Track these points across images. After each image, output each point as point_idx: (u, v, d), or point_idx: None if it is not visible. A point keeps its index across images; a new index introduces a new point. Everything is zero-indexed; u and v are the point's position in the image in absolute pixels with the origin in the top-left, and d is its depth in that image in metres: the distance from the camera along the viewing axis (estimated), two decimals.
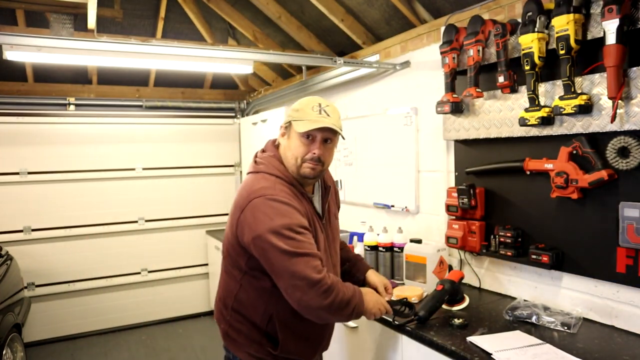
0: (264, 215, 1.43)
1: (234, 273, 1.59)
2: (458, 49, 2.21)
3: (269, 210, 1.43)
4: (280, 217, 1.42)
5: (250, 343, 1.58)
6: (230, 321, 1.61)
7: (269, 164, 1.58)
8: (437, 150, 2.56)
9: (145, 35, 4.14)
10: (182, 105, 4.69)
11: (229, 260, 1.61)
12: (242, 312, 1.58)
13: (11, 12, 3.56)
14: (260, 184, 1.51)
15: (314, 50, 3.64)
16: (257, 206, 1.45)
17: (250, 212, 1.45)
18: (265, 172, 1.56)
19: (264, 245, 1.41)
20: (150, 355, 3.92)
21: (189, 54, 2.43)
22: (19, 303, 3.33)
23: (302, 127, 1.53)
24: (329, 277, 1.44)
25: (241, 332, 1.59)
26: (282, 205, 1.45)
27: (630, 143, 1.63)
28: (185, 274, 4.76)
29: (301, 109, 1.56)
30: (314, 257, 1.43)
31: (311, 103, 1.57)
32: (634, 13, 1.57)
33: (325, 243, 1.64)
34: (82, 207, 4.29)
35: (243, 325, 1.59)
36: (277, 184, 1.52)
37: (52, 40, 2.19)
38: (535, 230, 2.01)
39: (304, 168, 1.56)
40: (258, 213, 1.44)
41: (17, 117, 4.04)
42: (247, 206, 1.46)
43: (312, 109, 1.55)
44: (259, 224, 1.42)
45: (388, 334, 1.94)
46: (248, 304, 1.57)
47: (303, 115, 1.54)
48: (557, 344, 1.60)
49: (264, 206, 1.44)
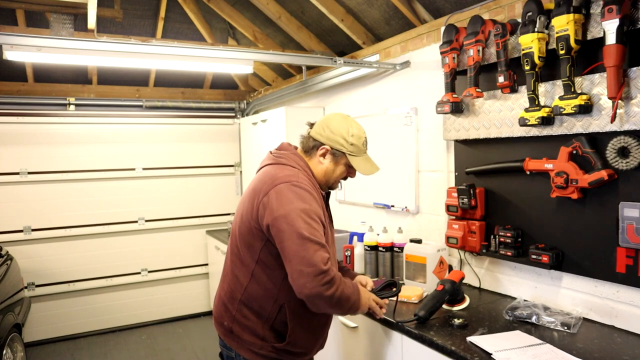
0: (287, 199, 1.51)
1: (245, 263, 1.62)
2: (458, 49, 2.21)
3: (292, 195, 1.52)
4: (302, 201, 1.51)
5: (254, 339, 1.60)
6: (236, 316, 1.63)
7: (290, 159, 1.68)
8: (437, 150, 2.56)
9: (145, 35, 4.14)
10: (182, 105, 4.69)
11: (241, 251, 1.64)
12: (250, 305, 1.61)
13: (11, 12, 3.56)
14: (284, 172, 1.60)
15: (314, 50, 3.64)
16: (281, 190, 1.53)
17: (275, 195, 1.52)
18: (287, 165, 1.65)
19: (283, 226, 1.48)
20: (150, 355, 3.92)
21: (189, 54, 2.43)
22: (19, 303, 3.33)
23: (364, 169, 1.72)
24: (333, 270, 1.50)
25: (246, 328, 1.61)
26: (305, 192, 1.54)
27: (630, 143, 1.63)
28: (186, 274, 4.76)
29: (356, 144, 1.69)
30: (324, 248, 1.49)
31: (361, 138, 1.71)
32: (633, 13, 1.57)
33: (332, 239, 1.73)
34: (82, 207, 4.29)
35: (249, 320, 1.61)
36: (299, 173, 1.61)
37: (52, 40, 2.19)
38: (535, 230, 2.01)
39: (335, 184, 1.77)
40: (282, 197, 1.51)
41: (17, 117, 4.04)
42: (271, 190, 1.54)
43: (363, 144, 1.72)
44: (282, 206, 1.50)
45: (388, 334, 1.95)
46: (258, 296, 1.60)
47: (357, 151, 1.70)
48: (557, 344, 1.60)
49: (287, 190, 1.53)
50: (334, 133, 1.68)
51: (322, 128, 1.70)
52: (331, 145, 1.68)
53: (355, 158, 1.70)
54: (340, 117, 1.73)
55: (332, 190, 1.83)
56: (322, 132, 1.70)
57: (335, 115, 1.75)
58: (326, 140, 1.69)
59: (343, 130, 1.68)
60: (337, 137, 1.68)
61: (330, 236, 1.74)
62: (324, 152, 1.69)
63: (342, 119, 1.72)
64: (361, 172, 1.72)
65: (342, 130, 1.68)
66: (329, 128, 1.69)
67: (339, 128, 1.68)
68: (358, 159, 1.71)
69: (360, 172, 1.73)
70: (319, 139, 1.70)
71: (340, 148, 1.68)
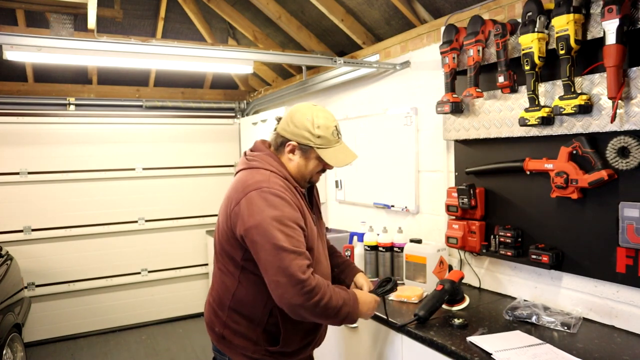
0: (257, 208, 1.45)
1: (230, 270, 1.58)
2: (458, 49, 2.21)
3: (262, 203, 1.45)
4: (273, 209, 1.45)
5: (247, 344, 1.57)
6: (227, 322, 1.60)
7: (262, 161, 1.59)
8: (437, 150, 2.56)
9: (145, 35, 4.14)
10: (182, 105, 4.69)
11: (224, 258, 1.61)
12: (240, 310, 1.58)
13: (11, 12, 3.57)
14: (255, 178, 1.53)
15: (314, 50, 3.64)
16: (252, 198, 1.47)
17: (246, 204, 1.47)
18: (260, 168, 1.57)
19: (255, 237, 1.43)
20: (150, 355, 3.92)
21: (189, 54, 2.43)
22: (19, 303, 3.33)
23: (335, 160, 1.59)
24: (315, 278, 1.44)
25: (237, 333, 1.58)
26: (276, 198, 1.47)
27: (630, 143, 1.63)
28: (186, 274, 4.76)
29: (322, 136, 1.58)
30: (302, 256, 1.43)
31: (329, 127, 1.59)
32: (633, 13, 1.57)
33: (318, 235, 1.67)
34: (82, 207, 4.29)
35: (240, 325, 1.58)
36: (271, 177, 1.53)
37: (52, 40, 2.19)
38: (535, 230, 2.01)
39: (313, 179, 1.67)
40: (252, 205, 1.46)
41: (18, 117, 4.04)
42: (242, 199, 1.48)
43: (332, 134, 1.60)
44: (252, 216, 1.44)
45: (388, 334, 1.95)
46: (247, 301, 1.56)
47: (326, 143, 1.59)
48: (557, 344, 1.60)
49: (258, 198, 1.46)
50: (298, 127, 1.57)
51: (286, 123, 1.61)
52: (297, 141, 1.58)
53: (325, 150, 1.58)
54: (304, 108, 1.61)
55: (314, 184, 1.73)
56: (286, 128, 1.60)
57: (299, 106, 1.64)
58: (291, 136, 1.59)
59: (307, 123, 1.57)
60: (302, 132, 1.57)
61: (318, 232, 1.69)
62: (291, 149, 1.60)
63: (306, 109, 1.61)
64: (333, 164, 1.60)
65: (306, 123, 1.57)
66: (293, 122, 1.59)
67: (303, 121, 1.57)
68: (328, 151, 1.59)
69: (333, 165, 1.60)
70: (285, 135, 1.60)
71: (307, 142, 1.57)
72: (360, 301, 1.60)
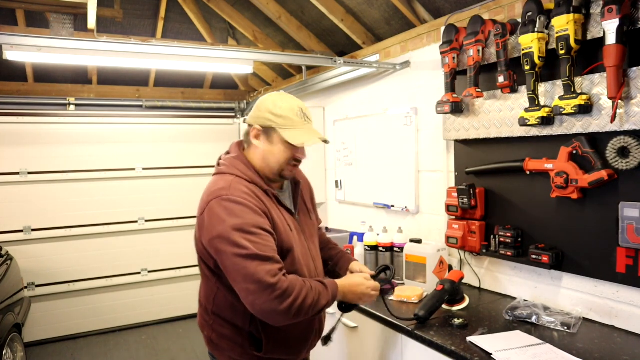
0: (217, 217, 1.42)
1: (208, 276, 1.57)
2: (458, 49, 2.21)
3: (222, 212, 1.42)
4: (234, 217, 1.41)
5: (234, 347, 1.55)
6: (214, 326, 1.58)
7: (230, 165, 1.56)
8: (437, 150, 2.56)
9: (145, 35, 4.15)
10: (182, 105, 4.69)
11: (201, 264, 1.59)
12: (223, 315, 1.56)
13: (11, 12, 3.57)
14: (218, 185, 1.49)
15: (314, 50, 3.64)
16: (212, 208, 1.44)
17: (207, 215, 1.45)
18: (225, 173, 1.54)
19: (218, 247, 1.41)
20: (150, 355, 3.92)
21: (189, 54, 2.43)
22: (19, 303, 3.33)
23: (299, 139, 1.52)
24: (286, 280, 1.39)
25: (224, 336, 1.57)
26: (236, 206, 1.43)
27: (630, 143, 1.63)
28: (186, 273, 4.75)
29: (284, 115, 1.53)
30: (270, 260, 1.39)
31: (293, 108, 1.55)
32: (634, 13, 1.57)
33: (302, 237, 1.63)
34: (82, 207, 4.29)
35: (225, 329, 1.56)
36: (233, 183, 1.49)
37: (52, 40, 2.19)
38: (535, 230, 2.01)
39: (286, 171, 1.58)
40: (212, 215, 1.43)
41: (17, 117, 4.04)
42: (205, 209, 1.46)
43: (297, 115, 1.54)
44: (213, 226, 1.42)
45: (388, 334, 1.95)
46: (227, 306, 1.54)
47: (290, 123, 1.53)
48: (557, 344, 1.60)
49: (218, 208, 1.43)
50: (261, 110, 1.55)
51: (252, 111, 1.59)
52: (260, 124, 1.54)
53: (288, 130, 1.52)
54: (270, 95, 1.59)
55: (291, 177, 1.64)
56: (252, 115, 1.58)
57: (267, 94, 1.61)
58: (255, 120, 1.56)
59: (269, 104, 1.54)
60: (264, 113, 1.54)
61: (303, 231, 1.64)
62: (255, 134, 1.56)
63: (271, 95, 1.59)
64: (294, 143, 1.51)
65: (268, 105, 1.54)
66: (257, 108, 1.57)
67: (266, 104, 1.55)
68: (292, 131, 1.52)
69: (294, 143, 1.52)
70: (250, 122, 1.58)
71: (268, 124, 1.52)
72: (346, 284, 1.56)
